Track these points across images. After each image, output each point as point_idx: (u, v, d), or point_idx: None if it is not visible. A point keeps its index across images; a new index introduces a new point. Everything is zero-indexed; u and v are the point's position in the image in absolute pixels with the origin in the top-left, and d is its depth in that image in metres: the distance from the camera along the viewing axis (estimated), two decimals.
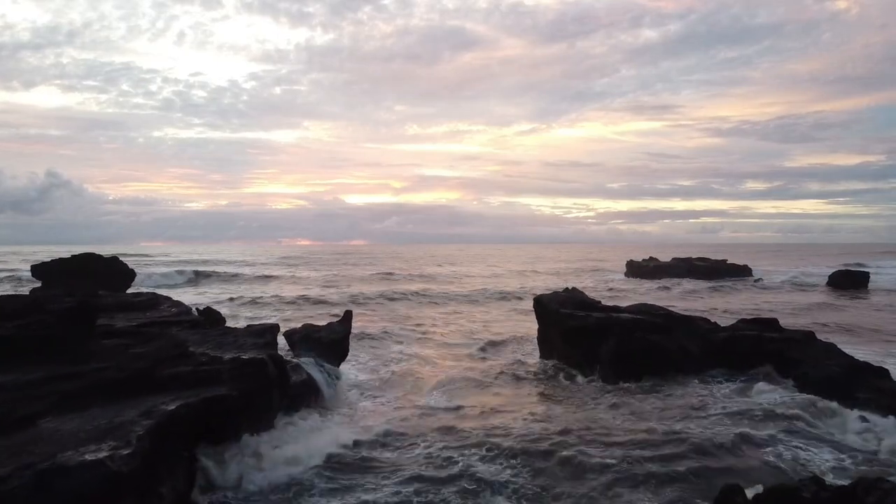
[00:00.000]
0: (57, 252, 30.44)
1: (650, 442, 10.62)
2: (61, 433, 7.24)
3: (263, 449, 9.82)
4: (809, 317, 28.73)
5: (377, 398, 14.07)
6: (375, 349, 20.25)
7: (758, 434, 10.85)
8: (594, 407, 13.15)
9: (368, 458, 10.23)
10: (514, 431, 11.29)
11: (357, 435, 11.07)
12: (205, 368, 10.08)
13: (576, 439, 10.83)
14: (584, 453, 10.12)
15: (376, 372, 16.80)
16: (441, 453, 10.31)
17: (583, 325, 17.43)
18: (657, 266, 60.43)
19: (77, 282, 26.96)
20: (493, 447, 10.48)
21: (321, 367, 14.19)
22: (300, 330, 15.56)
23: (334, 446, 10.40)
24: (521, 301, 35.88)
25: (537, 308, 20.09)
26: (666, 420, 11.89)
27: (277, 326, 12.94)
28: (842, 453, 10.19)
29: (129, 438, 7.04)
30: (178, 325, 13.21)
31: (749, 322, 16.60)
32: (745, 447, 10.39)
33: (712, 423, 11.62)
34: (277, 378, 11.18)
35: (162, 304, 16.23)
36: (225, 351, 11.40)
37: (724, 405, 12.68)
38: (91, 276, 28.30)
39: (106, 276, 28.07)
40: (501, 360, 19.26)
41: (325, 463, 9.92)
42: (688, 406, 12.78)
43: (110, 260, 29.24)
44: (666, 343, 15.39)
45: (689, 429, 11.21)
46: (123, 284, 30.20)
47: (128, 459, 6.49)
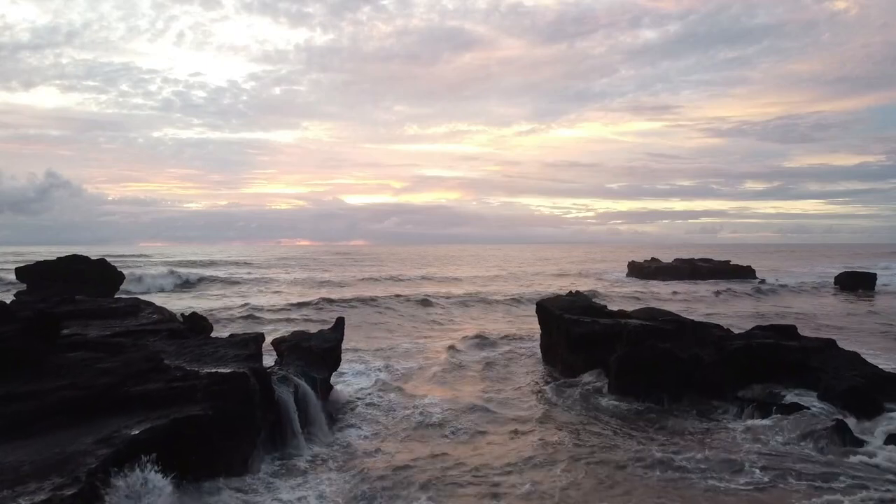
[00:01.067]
0: (56, 253, 29.48)
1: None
2: (1, 467, 6.32)
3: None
4: (819, 320, 27.83)
5: (369, 424, 12.66)
6: (370, 358, 19.33)
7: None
8: (600, 432, 11.94)
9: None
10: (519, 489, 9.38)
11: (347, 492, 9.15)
12: (178, 385, 9.17)
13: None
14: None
15: (370, 381, 15.89)
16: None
17: (589, 332, 16.55)
18: (659, 267, 59.56)
19: (63, 285, 26.06)
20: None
21: (311, 378, 13.28)
22: (289, 338, 14.62)
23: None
24: (518, 304, 34.97)
25: (540, 313, 19.22)
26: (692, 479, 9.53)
27: (262, 336, 12.02)
28: None
29: (77, 474, 6.12)
30: (156, 335, 12.29)
31: (765, 329, 15.69)
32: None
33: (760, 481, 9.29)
34: (260, 395, 10.26)
35: (143, 311, 15.31)
36: (203, 364, 10.49)
37: (760, 448, 10.59)
38: (77, 279, 27.37)
39: (93, 280, 27.14)
40: (505, 369, 18.36)
41: None
42: (716, 447, 10.72)
43: (98, 262, 28.30)
44: (677, 351, 14.47)
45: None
46: (111, 288, 29.27)
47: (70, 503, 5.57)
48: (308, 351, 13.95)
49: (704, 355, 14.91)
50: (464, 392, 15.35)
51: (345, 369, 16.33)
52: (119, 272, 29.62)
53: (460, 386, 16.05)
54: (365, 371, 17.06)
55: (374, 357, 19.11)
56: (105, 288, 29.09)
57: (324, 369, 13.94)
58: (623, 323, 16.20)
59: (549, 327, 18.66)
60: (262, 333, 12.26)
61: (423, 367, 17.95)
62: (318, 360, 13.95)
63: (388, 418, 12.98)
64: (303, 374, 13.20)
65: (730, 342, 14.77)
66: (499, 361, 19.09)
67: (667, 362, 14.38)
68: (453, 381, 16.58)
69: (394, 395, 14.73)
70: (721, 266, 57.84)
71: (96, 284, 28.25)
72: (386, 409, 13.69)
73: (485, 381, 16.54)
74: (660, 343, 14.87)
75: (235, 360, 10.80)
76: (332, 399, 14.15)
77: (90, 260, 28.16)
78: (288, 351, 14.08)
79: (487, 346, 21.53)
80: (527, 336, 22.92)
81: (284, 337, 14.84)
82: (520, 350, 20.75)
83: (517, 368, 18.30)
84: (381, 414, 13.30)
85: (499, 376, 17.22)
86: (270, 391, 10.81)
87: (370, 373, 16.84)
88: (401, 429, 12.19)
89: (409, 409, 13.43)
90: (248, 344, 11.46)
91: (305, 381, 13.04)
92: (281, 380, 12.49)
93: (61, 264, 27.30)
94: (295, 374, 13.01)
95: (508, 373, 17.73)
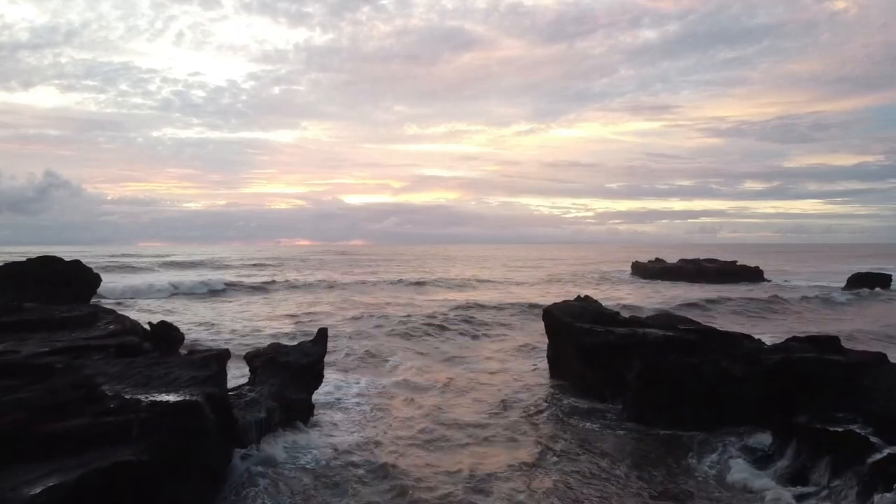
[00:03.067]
0: (56, 252, 27.84)
1: None
2: None
3: None
4: (844, 325, 26.11)
5: (345, 456, 10.76)
6: (350, 368, 17.56)
7: None
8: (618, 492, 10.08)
9: None
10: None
11: None
12: (109, 420, 7.40)
13: None
14: None
15: (351, 401, 14.12)
16: None
17: (602, 344, 14.80)
18: (664, 268, 57.88)
19: (36, 288, 24.26)
20: None
21: (288, 400, 11.54)
22: (265, 351, 12.87)
23: None
24: (518, 308, 33.18)
25: (547, 320, 17.46)
26: None
27: (227, 353, 10.26)
28: None
29: None
30: (102, 352, 10.52)
31: (803, 340, 13.93)
32: None
33: None
34: (218, 427, 8.50)
35: (100, 321, 13.54)
36: (150, 390, 8.72)
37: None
38: (50, 282, 25.54)
39: (65, 282, 25.31)
40: (509, 388, 16.61)
41: None
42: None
43: (72, 263, 26.47)
44: (705, 367, 12.73)
45: None
46: (87, 291, 27.45)
47: None
48: (285, 367, 12.25)
49: (735, 370, 13.17)
50: (458, 404, 13.59)
51: (331, 386, 14.56)
52: (95, 274, 27.77)
53: (458, 402, 14.30)
54: (346, 390, 15.26)
55: (352, 367, 17.32)
56: (80, 291, 27.29)
57: (303, 388, 12.22)
58: (642, 333, 14.44)
59: (558, 336, 16.92)
60: (227, 350, 10.49)
61: (416, 379, 16.20)
62: (296, 378, 12.25)
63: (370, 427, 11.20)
64: (277, 396, 11.49)
65: (765, 356, 13.02)
66: (505, 371, 17.31)
67: (693, 379, 12.65)
68: (454, 392, 14.83)
69: (370, 421, 12.85)
70: (727, 267, 56.09)
71: (71, 287, 26.46)
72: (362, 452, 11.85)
73: (487, 410, 14.80)
74: (684, 356, 13.14)
75: (191, 383, 9.03)
76: (314, 423, 12.43)
77: (63, 261, 26.31)
78: (262, 367, 12.36)
79: (490, 354, 19.81)
80: (530, 341, 21.17)
81: (259, 350, 13.11)
82: (523, 360, 18.99)
83: (522, 384, 16.56)
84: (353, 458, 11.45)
85: (504, 394, 15.48)
86: (231, 421, 9.06)
87: (352, 392, 15.05)
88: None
89: (392, 439, 11.62)
90: (209, 363, 9.68)
91: (280, 403, 11.34)
92: (249, 404, 10.77)
93: (32, 266, 25.48)
94: (267, 396, 11.29)
95: (515, 392, 15.99)
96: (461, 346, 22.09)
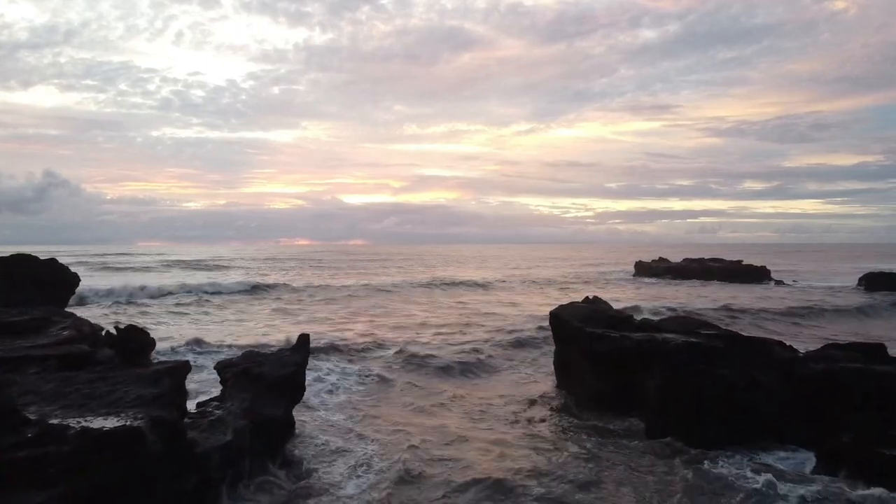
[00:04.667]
0: (55, 252, 26.43)
1: None
2: None
3: None
4: (872, 329, 24.65)
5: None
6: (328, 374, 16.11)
7: None
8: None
9: None
10: None
11: None
12: (22, 455, 5.94)
13: None
14: None
15: (340, 416, 12.69)
16: None
17: (616, 351, 13.33)
18: (668, 267, 56.50)
19: (10, 288, 22.78)
20: None
21: (262, 418, 10.06)
22: (238, 361, 11.39)
23: None
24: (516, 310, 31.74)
25: (554, 324, 16.01)
26: None
27: (186, 365, 8.78)
28: None
29: None
30: (41, 364, 9.04)
31: (844, 348, 12.48)
32: None
33: None
34: (168, 454, 7.04)
35: (54, 326, 12.05)
36: (85, 412, 7.24)
37: None
38: (26, 281, 24.02)
39: (41, 283, 23.79)
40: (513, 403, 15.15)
41: None
42: None
43: (48, 262, 24.91)
44: (736, 378, 11.27)
45: None
46: (65, 291, 25.93)
47: None
48: (259, 380, 10.75)
49: (769, 382, 11.73)
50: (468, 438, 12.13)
51: (314, 401, 13.10)
52: (73, 273, 26.18)
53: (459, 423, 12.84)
54: (331, 401, 13.84)
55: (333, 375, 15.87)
56: (58, 291, 25.79)
57: (279, 404, 10.72)
58: (661, 339, 12.97)
59: (566, 342, 15.46)
60: (187, 362, 9.01)
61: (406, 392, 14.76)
62: (272, 392, 10.74)
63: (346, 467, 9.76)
64: (248, 413, 10.00)
65: (803, 366, 11.56)
66: (505, 377, 15.86)
67: (723, 393, 11.19)
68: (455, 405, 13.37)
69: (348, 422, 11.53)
70: (733, 266, 54.68)
71: (48, 287, 24.95)
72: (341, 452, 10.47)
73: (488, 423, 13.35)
74: (711, 365, 11.67)
75: (136, 403, 7.55)
76: (293, 444, 10.96)
77: (39, 260, 24.75)
78: (234, 380, 10.87)
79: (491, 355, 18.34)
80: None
81: (232, 360, 11.62)
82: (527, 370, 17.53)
83: (526, 396, 15.10)
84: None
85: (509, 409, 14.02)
86: (183, 448, 7.57)
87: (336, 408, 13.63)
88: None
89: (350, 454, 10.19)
90: (162, 379, 8.20)
91: (251, 421, 9.85)
92: (214, 424, 9.28)
93: (6, 264, 23.94)
94: (236, 414, 9.81)
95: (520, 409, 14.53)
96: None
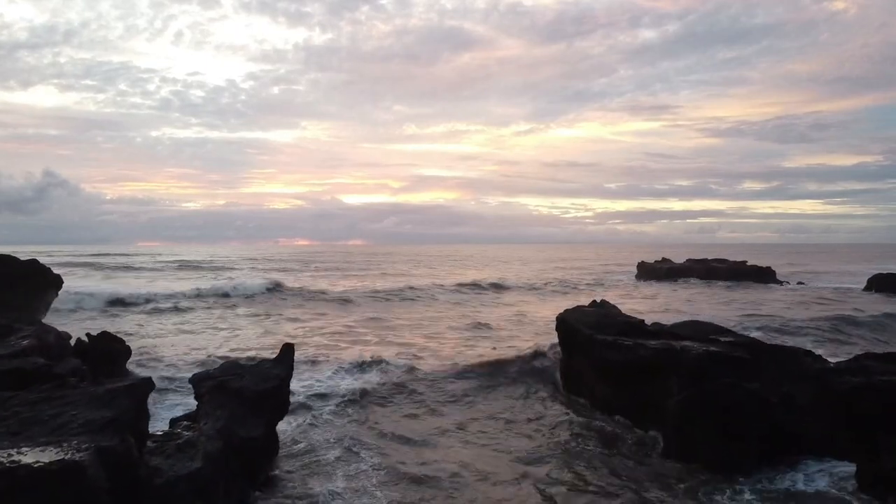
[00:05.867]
0: (54, 252, 25.28)
1: None
2: None
3: None
4: (888, 332, 23.58)
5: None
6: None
7: None
8: None
9: None
10: None
11: None
12: None
13: None
14: None
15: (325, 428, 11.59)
16: None
17: (631, 361, 12.26)
18: (671, 268, 55.40)
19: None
20: None
21: (237, 439, 8.98)
22: (216, 373, 10.30)
23: None
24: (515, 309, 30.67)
25: (561, 330, 14.95)
26: None
27: (148, 383, 7.68)
28: None
29: None
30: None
31: (881, 359, 11.40)
32: None
33: None
34: (115, 496, 5.97)
35: (13, 335, 10.96)
36: (20, 441, 6.18)
37: None
38: (4, 283, 22.91)
39: (19, 285, 22.69)
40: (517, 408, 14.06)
41: None
42: None
43: (27, 263, 23.82)
44: (767, 393, 10.22)
45: None
46: (43, 296, 24.81)
47: None
48: (237, 395, 9.67)
49: (800, 397, 10.68)
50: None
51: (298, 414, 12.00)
52: (56, 275, 25.10)
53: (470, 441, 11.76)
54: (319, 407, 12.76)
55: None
56: (39, 295, 24.72)
57: (260, 421, 9.64)
58: (679, 348, 11.90)
59: (573, 349, 14.39)
60: (149, 379, 7.90)
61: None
62: (252, 409, 9.67)
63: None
64: (224, 433, 8.94)
65: (838, 378, 10.48)
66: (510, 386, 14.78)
67: (751, 409, 10.13)
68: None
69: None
70: (738, 267, 53.59)
71: (28, 289, 23.87)
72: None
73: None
74: (737, 378, 10.61)
75: (85, 429, 6.49)
76: (276, 464, 9.89)
77: (18, 260, 23.65)
78: (209, 395, 9.78)
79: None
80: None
81: (209, 372, 10.53)
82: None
83: (532, 407, 14.02)
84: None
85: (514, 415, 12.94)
86: (137, 482, 6.50)
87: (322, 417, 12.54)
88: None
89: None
90: (118, 399, 7.12)
91: (227, 443, 8.80)
92: (182, 448, 8.21)
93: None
94: (210, 435, 8.73)
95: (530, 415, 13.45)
96: None
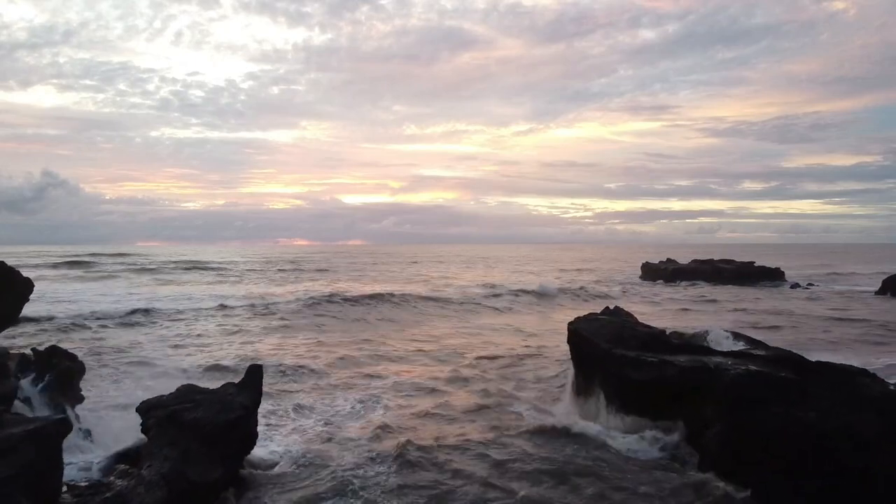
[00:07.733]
0: (54, 252, 23.33)
1: None
2: None
3: None
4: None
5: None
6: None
7: None
8: None
9: None
10: None
11: None
12: None
13: None
14: None
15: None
16: None
17: (656, 381, 10.63)
18: (677, 269, 53.77)
19: None
20: None
21: (192, 485, 7.33)
22: (167, 400, 8.62)
23: None
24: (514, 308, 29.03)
25: (574, 342, 13.28)
26: None
27: (64, 425, 6.05)
28: None
29: None
30: None
31: None
32: None
33: None
34: None
35: None
36: None
37: None
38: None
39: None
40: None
41: None
42: None
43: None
44: (827, 424, 8.59)
45: None
46: (17, 298, 23.12)
47: None
48: (192, 429, 8.02)
49: (863, 428, 9.04)
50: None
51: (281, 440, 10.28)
52: (26, 279, 23.43)
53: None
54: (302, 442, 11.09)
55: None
56: (8, 298, 22.98)
57: (215, 463, 7.98)
58: (713, 366, 10.27)
59: (589, 364, 12.72)
60: (65, 419, 6.27)
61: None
62: (208, 446, 8.01)
63: None
64: (171, 478, 7.32)
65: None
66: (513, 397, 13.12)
67: (805, 443, 8.52)
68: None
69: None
70: (745, 267, 52.01)
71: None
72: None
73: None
74: (786, 405, 8.99)
75: None
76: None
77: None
78: (158, 427, 8.14)
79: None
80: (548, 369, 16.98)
81: (161, 399, 8.84)
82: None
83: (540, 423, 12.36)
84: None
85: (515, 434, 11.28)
86: None
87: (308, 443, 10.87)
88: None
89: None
90: (19, 449, 5.47)
91: (174, 492, 7.18)
92: (113, 502, 6.60)
93: None
94: (154, 482, 7.13)
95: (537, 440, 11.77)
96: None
